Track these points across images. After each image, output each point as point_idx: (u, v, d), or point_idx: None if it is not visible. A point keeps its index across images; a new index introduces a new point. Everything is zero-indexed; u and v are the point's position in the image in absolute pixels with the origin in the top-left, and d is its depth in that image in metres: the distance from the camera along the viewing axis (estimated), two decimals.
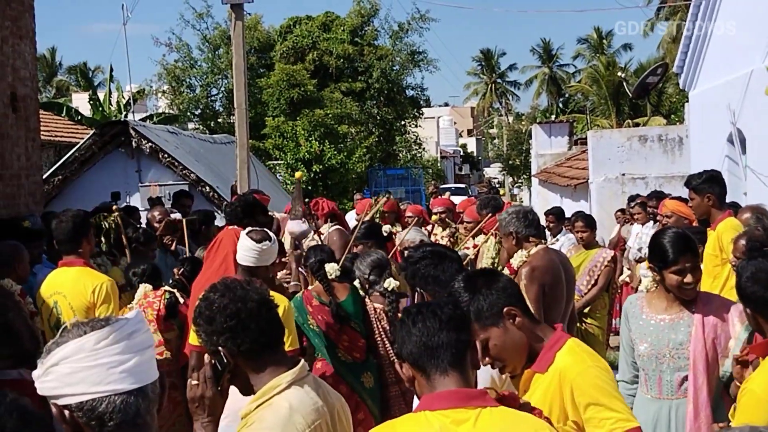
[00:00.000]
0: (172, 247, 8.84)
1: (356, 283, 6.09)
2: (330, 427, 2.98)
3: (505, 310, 3.10)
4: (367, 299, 5.99)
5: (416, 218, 9.76)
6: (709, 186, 6.68)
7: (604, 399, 3.08)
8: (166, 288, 6.64)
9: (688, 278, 4.35)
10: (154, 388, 2.13)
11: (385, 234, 7.81)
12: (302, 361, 3.05)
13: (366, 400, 5.78)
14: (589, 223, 9.42)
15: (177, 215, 10.66)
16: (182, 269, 6.88)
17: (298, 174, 8.41)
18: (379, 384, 5.89)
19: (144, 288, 6.62)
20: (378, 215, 9.63)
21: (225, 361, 2.88)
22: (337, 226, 8.73)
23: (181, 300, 6.52)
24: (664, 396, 4.51)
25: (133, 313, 2.19)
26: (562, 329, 3.30)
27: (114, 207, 7.14)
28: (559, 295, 5.69)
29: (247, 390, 2.97)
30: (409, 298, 5.94)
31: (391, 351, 5.82)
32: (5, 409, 1.47)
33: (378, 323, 5.91)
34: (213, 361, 2.88)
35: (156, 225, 8.93)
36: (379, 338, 5.90)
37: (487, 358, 3.12)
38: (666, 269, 4.37)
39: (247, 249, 5.23)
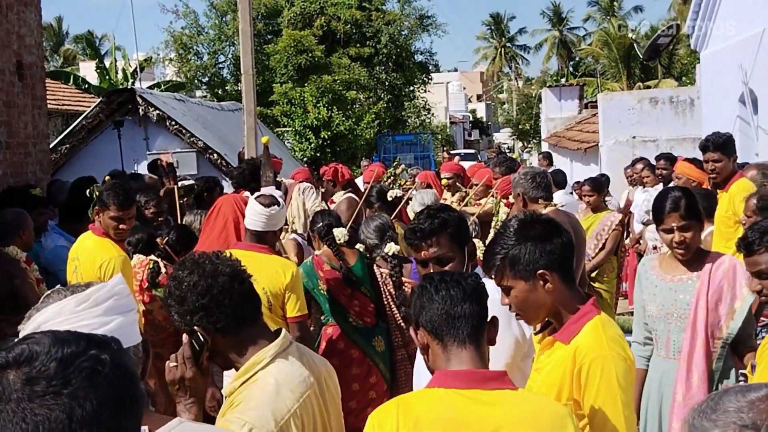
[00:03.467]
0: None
1: (360, 247, 6.04)
2: (319, 397, 2.89)
3: (539, 272, 2.93)
4: (374, 263, 5.95)
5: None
6: (733, 148, 6.66)
7: (609, 396, 2.85)
8: (151, 257, 6.39)
9: (677, 237, 4.36)
10: (137, 351, 2.09)
11: (390, 199, 7.76)
12: (283, 331, 2.94)
13: (378, 363, 5.76)
14: (596, 186, 9.35)
15: (190, 182, 10.63)
16: (167, 238, 6.58)
17: (264, 139, 8.27)
18: (390, 348, 5.88)
19: (137, 258, 6.40)
20: (392, 181, 9.60)
21: (202, 339, 2.77)
22: (350, 194, 8.69)
23: (164, 270, 6.25)
24: (671, 356, 4.50)
25: (115, 278, 2.15)
26: (593, 303, 3.08)
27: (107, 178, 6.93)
28: None
29: (229, 366, 2.88)
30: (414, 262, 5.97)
31: (398, 315, 5.83)
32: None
33: (385, 287, 5.88)
34: (191, 341, 2.76)
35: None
36: (386, 302, 5.88)
37: (507, 300, 3.02)
38: (658, 227, 4.47)
39: (255, 213, 5.19)
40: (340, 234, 5.79)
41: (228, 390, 2.82)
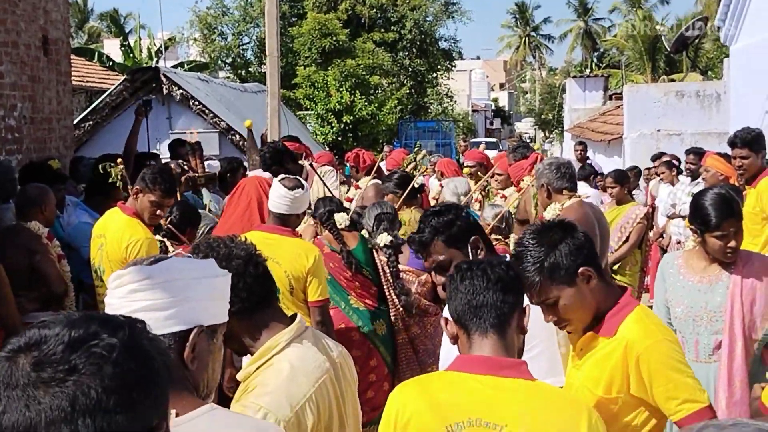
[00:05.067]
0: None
1: (364, 233, 6.08)
2: (335, 383, 2.86)
3: (581, 270, 2.93)
4: (374, 250, 5.96)
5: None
6: (762, 144, 6.56)
7: (673, 375, 2.94)
8: (157, 237, 6.25)
9: (732, 243, 4.22)
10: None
11: (416, 186, 7.72)
12: (299, 316, 2.91)
13: (379, 347, 5.78)
14: (619, 178, 9.26)
15: (215, 163, 10.59)
16: (169, 217, 6.43)
17: (247, 122, 8.20)
18: (391, 332, 5.88)
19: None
20: (413, 168, 9.52)
21: None
22: (376, 180, 8.64)
23: (172, 249, 6.14)
24: (701, 359, 4.42)
25: (166, 262, 2.17)
26: (630, 294, 3.13)
27: (119, 160, 6.86)
28: None
29: (244, 351, 2.85)
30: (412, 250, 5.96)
31: (397, 301, 5.84)
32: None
33: (383, 275, 5.89)
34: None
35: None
36: (386, 287, 5.88)
37: (551, 316, 3.00)
38: (708, 233, 4.24)
39: (279, 196, 5.17)
40: (341, 219, 5.81)
41: (243, 375, 2.79)
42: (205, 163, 9.88)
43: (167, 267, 2.12)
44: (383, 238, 5.88)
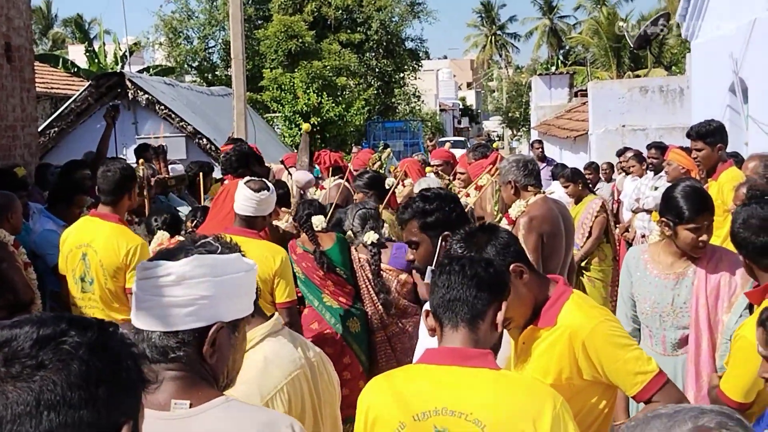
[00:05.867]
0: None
1: (349, 236, 6.14)
2: (310, 381, 2.91)
3: (512, 267, 3.02)
4: (353, 249, 6.02)
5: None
6: (720, 137, 6.59)
7: (620, 353, 3.03)
8: (181, 238, 6.32)
9: (704, 237, 4.23)
10: (170, 337, 2.15)
11: (387, 186, 7.76)
12: (276, 314, 2.99)
13: (352, 344, 5.83)
14: (570, 177, 9.37)
15: (178, 167, 10.57)
16: (195, 220, 6.60)
17: (305, 126, 8.37)
18: (366, 330, 5.93)
19: (161, 235, 6.38)
20: (379, 167, 9.57)
21: None
22: (339, 180, 8.67)
23: None
24: (669, 353, 4.46)
25: (190, 258, 2.21)
26: (564, 282, 3.24)
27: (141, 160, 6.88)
28: (557, 245, 5.64)
29: None
30: (399, 246, 6.07)
31: (376, 299, 5.89)
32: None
33: (362, 272, 5.95)
34: None
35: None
36: (363, 286, 5.94)
37: (500, 317, 3.07)
38: (682, 225, 4.23)
39: (245, 198, 5.18)
40: (318, 221, 5.88)
41: None
42: (169, 167, 9.86)
43: (192, 264, 2.15)
44: (370, 236, 5.95)
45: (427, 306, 2.86)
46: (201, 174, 9.31)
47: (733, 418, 1.42)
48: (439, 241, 3.73)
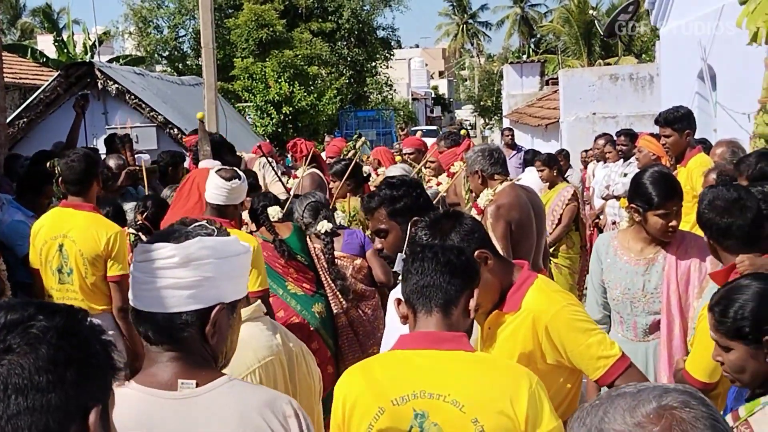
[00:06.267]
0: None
1: (300, 224, 6.26)
2: (285, 368, 2.94)
3: (476, 253, 3.04)
4: (308, 239, 6.11)
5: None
6: (687, 123, 6.64)
7: (582, 337, 3.08)
8: (130, 231, 6.29)
9: (673, 222, 4.28)
10: (173, 318, 2.17)
11: (365, 174, 7.80)
12: (258, 301, 3.05)
13: (319, 330, 5.86)
14: (547, 161, 9.40)
15: (145, 156, 10.52)
16: (145, 212, 6.47)
17: (199, 114, 8.28)
18: (331, 315, 5.99)
19: None
20: (356, 155, 9.56)
21: None
22: (313, 170, 8.68)
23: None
24: (640, 338, 4.50)
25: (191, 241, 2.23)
26: (529, 267, 3.28)
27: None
28: (527, 231, 5.69)
29: None
30: (350, 232, 6.23)
31: (334, 285, 5.99)
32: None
33: (318, 261, 6.03)
34: None
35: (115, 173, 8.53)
36: (321, 273, 6.02)
37: (472, 303, 3.10)
38: (651, 211, 4.28)
39: (216, 187, 5.18)
40: (274, 212, 5.97)
41: None
42: (136, 156, 9.80)
43: (196, 246, 2.18)
44: (324, 225, 6.06)
45: (397, 294, 2.88)
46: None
47: (696, 396, 1.44)
48: (408, 227, 3.75)
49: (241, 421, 2.08)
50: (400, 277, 2.84)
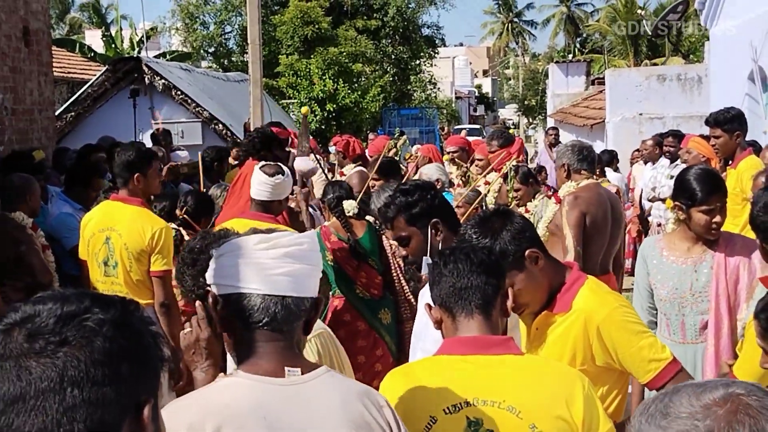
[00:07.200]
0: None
1: (370, 218, 6.02)
2: (335, 342, 3.06)
3: (527, 252, 2.99)
4: (383, 235, 5.92)
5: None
6: (738, 125, 6.57)
7: (634, 339, 3.03)
8: (172, 225, 6.18)
9: (717, 218, 4.22)
10: (299, 303, 2.21)
11: (403, 173, 7.75)
12: None
13: (384, 336, 5.78)
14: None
15: (183, 153, 10.58)
16: (185, 207, 6.41)
17: (304, 109, 8.30)
18: (396, 320, 5.88)
19: None
20: (394, 153, 9.55)
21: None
22: (360, 168, 8.66)
23: (187, 238, 5.98)
24: (688, 340, 4.43)
25: (310, 232, 2.32)
26: (578, 268, 3.24)
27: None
28: (601, 229, 5.76)
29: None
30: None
31: (407, 287, 5.84)
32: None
33: (394, 259, 5.86)
34: (203, 303, 2.72)
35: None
36: (395, 274, 5.87)
37: (509, 302, 3.06)
38: (695, 207, 4.22)
39: (260, 183, 5.19)
40: (350, 206, 5.80)
41: None
42: (172, 154, 9.83)
43: (310, 237, 2.30)
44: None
45: (426, 298, 2.83)
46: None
47: (761, 389, 1.43)
48: (429, 230, 3.73)
49: (345, 408, 2.15)
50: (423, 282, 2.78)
